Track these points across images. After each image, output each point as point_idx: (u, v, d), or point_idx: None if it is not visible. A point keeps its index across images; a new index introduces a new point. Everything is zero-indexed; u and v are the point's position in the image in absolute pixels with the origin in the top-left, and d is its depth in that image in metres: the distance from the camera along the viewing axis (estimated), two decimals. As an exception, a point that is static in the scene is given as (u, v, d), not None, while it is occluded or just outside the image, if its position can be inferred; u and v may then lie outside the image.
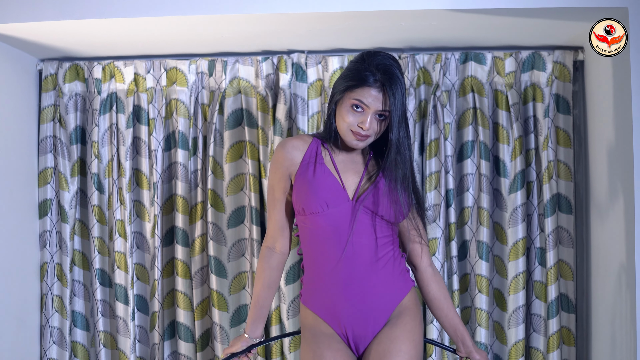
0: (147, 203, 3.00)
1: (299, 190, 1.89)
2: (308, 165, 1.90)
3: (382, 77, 1.80)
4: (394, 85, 1.80)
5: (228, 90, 2.93)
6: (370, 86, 1.80)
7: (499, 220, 2.96)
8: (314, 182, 1.88)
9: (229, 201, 2.95)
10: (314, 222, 1.89)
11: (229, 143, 2.94)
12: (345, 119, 1.83)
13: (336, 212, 1.88)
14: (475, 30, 2.68)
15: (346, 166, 1.94)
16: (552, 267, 2.87)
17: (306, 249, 1.96)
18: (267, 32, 2.66)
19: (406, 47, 2.91)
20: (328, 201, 1.87)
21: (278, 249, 2.01)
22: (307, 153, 1.92)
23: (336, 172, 1.92)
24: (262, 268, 2.02)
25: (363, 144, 1.87)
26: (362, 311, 1.91)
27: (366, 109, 1.81)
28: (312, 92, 2.93)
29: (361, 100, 1.81)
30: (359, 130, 1.82)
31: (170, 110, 3.00)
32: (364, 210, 1.89)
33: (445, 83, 2.91)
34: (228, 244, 2.96)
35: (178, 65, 2.94)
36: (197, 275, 2.97)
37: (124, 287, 2.99)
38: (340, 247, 1.89)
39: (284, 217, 1.99)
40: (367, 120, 1.81)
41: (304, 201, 1.88)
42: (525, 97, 2.93)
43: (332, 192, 1.88)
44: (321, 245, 1.91)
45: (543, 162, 2.88)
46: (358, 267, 1.89)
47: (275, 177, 1.95)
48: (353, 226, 1.87)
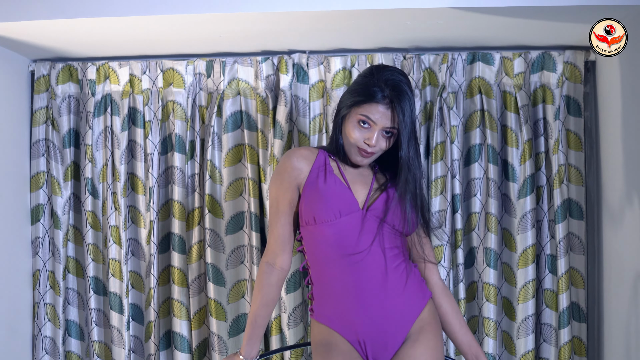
0: (143, 208, 2.94)
1: (309, 199, 1.86)
2: (318, 174, 1.88)
3: (391, 93, 1.78)
4: (403, 102, 1.78)
5: (227, 91, 2.88)
6: (378, 102, 1.78)
7: (507, 226, 2.89)
8: (326, 190, 1.86)
9: (227, 207, 2.89)
10: (323, 231, 1.85)
11: (228, 146, 2.89)
12: (352, 135, 1.82)
13: (347, 220, 1.84)
14: (482, 30, 2.62)
15: (354, 178, 1.93)
16: (563, 275, 2.81)
17: (314, 261, 1.91)
18: (267, 32, 2.61)
19: (411, 46, 2.85)
20: (340, 209, 1.84)
21: (278, 265, 1.95)
22: (315, 163, 1.90)
23: (345, 182, 1.90)
24: (260, 285, 1.95)
25: (367, 161, 1.87)
26: (380, 322, 1.85)
27: (373, 126, 1.80)
28: (313, 94, 2.86)
29: (368, 117, 1.79)
30: (364, 147, 1.82)
31: (167, 113, 2.94)
32: (374, 219, 1.86)
33: (451, 84, 2.85)
34: (226, 251, 2.90)
35: (175, 66, 2.89)
36: (194, 284, 2.91)
37: (119, 296, 2.92)
38: (352, 257, 1.84)
39: (286, 231, 1.93)
40: (374, 137, 1.81)
41: (315, 209, 1.85)
42: (535, 99, 2.87)
43: (344, 200, 1.86)
44: (333, 255, 1.86)
45: (553, 166, 2.81)
46: (371, 276, 1.85)
47: (281, 188, 1.90)
48: (364, 235, 1.84)
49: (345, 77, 2.84)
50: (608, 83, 2.73)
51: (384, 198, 1.89)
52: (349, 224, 1.85)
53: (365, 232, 1.85)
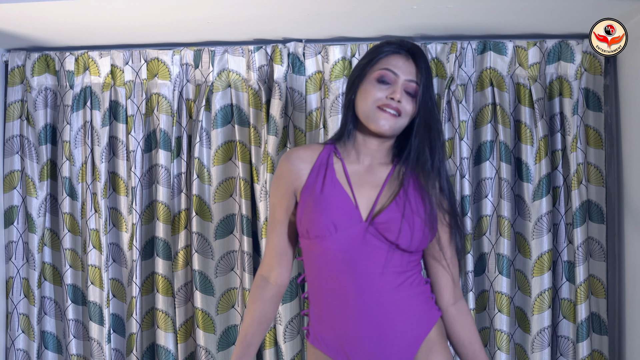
0: (125, 211, 2.84)
1: (303, 209, 1.68)
2: (316, 179, 1.70)
3: (408, 46, 1.69)
4: (421, 56, 1.68)
5: (216, 83, 2.78)
6: (398, 53, 1.67)
7: (521, 230, 2.77)
8: (322, 199, 1.66)
9: (216, 209, 2.79)
10: (320, 247, 1.67)
11: (217, 143, 2.79)
12: (371, 95, 1.65)
13: (346, 235, 1.65)
14: (494, 16, 2.51)
15: (361, 179, 1.72)
16: (582, 284, 2.68)
17: (311, 277, 1.74)
18: (260, 18, 2.53)
19: (417, 35, 2.74)
20: (337, 222, 1.64)
21: (273, 280, 1.80)
22: (315, 164, 1.72)
23: (349, 186, 1.70)
24: (253, 299, 1.80)
25: (391, 126, 1.65)
26: (382, 350, 1.66)
27: (395, 79, 1.66)
28: (310, 86, 2.76)
29: (389, 68, 1.66)
30: (389, 102, 1.63)
31: (151, 107, 2.84)
32: (377, 235, 1.65)
33: (460, 76, 2.73)
34: (215, 257, 2.79)
35: (160, 55, 2.80)
36: (180, 292, 2.80)
37: (99, 306, 2.82)
38: (351, 276, 1.65)
39: (283, 243, 1.79)
40: (399, 91, 1.64)
41: (308, 222, 1.66)
42: (551, 92, 2.75)
43: (342, 212, 1.65)
44: (329, 274, 1.67)
45: (571, 165, 2.69)
46: (373, 299, 1.65)
47: (278, 194, 1.76)
48: (364, 253, 1.64)
49: (344, 67, 2.74)
50: (630, 74, 2.63)
51: (394, 207, 1.67)
52: (347, 241, 1.65)
53: (365, 249, 1.65)
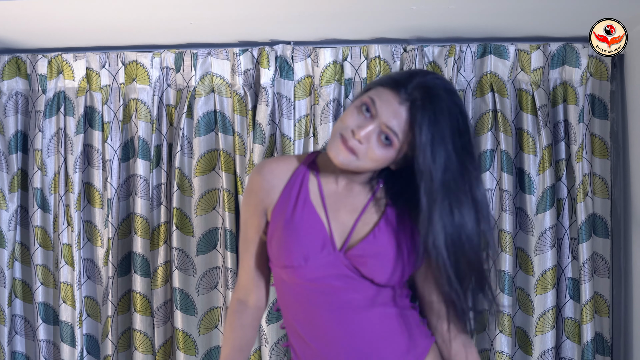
0: (100, 224, 2.77)
1: (272, 234, 1.54)
2: (288, 199, 1.53)
3: (416, 94, 1.37)
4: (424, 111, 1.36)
5: (198, 88, 2.73)
6: (395, 94, 1.38)
7: (523, 245, 2.70)
8: (292, 225, 1.50)
9: (198, 222, 2.73)
10: (290, 277, 1.53)
11: (199, 152, 2.73)
12: (344, 119, 1.42)
13: (317, 265, 1.49)
14: (495, 17, 2.47)
15: (338, 201, 1.54)
16: (588, 303, 2.59)
17: (284, 308, 1.61)
18: (246, 19, 2.48)
19: (413, 37, 2.67)
20: (307, 252, 1.49)
21: (252, 303, 1.67)
22: (290, 181, 1.55)
23: (323, 209, 1.53)
24: (231, 326, 1.67)
25: (344, 160, 1.41)
26: None
27: (374, 115, 1.39)
28: (299, 91, 2.70)
29: (373, 100, 1.39)
30: (348, 135, 1.40)
31: (129, 113, 2.78)
32: (352, 268, 1.50)
33: (459, 81, 2.67)
34: (197, 274, 2.72)
35: (138, 58, 2.75)
36: (160, 312, 2.73)
37: (71, 325, 2.73)
38: (327, 310, 1.51)
39: (258, 263, 1.64)
40: (367, 128, 1.39)
41: (277, 250, 1.52)
42: (555, 98, 2.68)
43: (314, 240, 1.50)
44: (300, 307, 1.55)
45: (577, 175, 2.62)
46: (351, 333, 1.52)
47: (248, 210, 1.61)
48: (339, 285, 1.50)
49: (336, 71, 2.67)
50: (638, 80, 2.58)
51: (370, 240, 1.50)
52: (320, 270, 1.50)
53: (339, 282, 1.50)
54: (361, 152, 1.40)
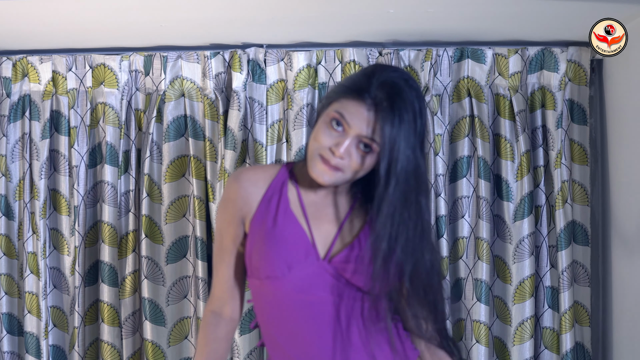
0: (66, 232, 2.72)
1: (252, 245, 1.51)
2: (268, 208, 1.52)
3: (380, 94, 1.38)
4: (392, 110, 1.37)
5: (168, 92, 2.70)
6: (360, 101, 1.39)
7: (501, 253, 2.69)
8: (274, 233, 1.49)
9: (168, 230, 2.71)
10: (272, 289, 1.50)
11: (169, 158, 2.71)
12: (318, 139, 1.42)
13: (301, 276, 1.48)
14: (473, 21, 2.46)
15: (319, 210, 1.53)
16: (567, 312, 2.59)
17: (265, 324, 1.57)
18: (218, 21, 2.47)
19: (389, 40, 2.68)
20: (290, 261, 1.47)
21: (227, 315, 1.63)
22: (268, 190, 1.53)
23: (305, 219, 1.51)
24: (205, 340, 1.62)
25: (330, 179, 1.43)
26: None
27: (347, 129, 1.39)
28: (272, 96, 2.69)
29: (343, 115, 1.39)
30: (329, 156, 1.41)
31: (97, 117, 2.75)
32: (338, 276, 1.49)
33: (436, 85, 2.67)
34: (167, 284, 2.69)
35: (106, 61, 2.72)
36: (128, 322, 2.69)
37: (36, 337, 2.68)
38: (310, 323, 1.49)
39: (234, 274, 1.61)
40: (344, 145, 1.40)
41: (258, 260, 1.50)
42: (533, 104, 2.69)
43: (297, 249, 1.48)
44: (284, 321, 1.51)
45: (555, 182, 2.62)
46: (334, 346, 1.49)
47: (225, 219, 1.59)
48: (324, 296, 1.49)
49: (309, 75, 2.66)
50: (617, 85, 2.60)
51: (356, 245, 1.50)
52: (303, 281, 1.48)
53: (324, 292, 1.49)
54: (345, 166, 1.41)
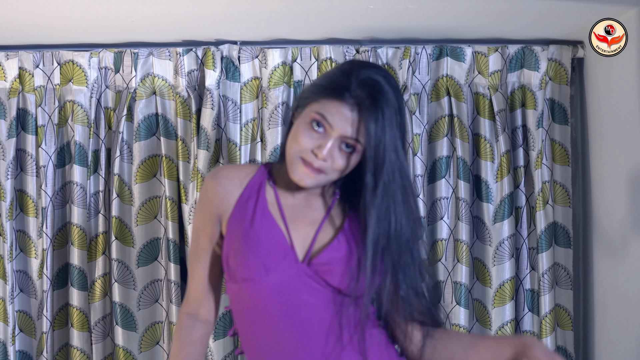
0: (34, 234, 2.68)
1: (229, 246, 1.49)
2: (245, 208, 1.50)
3: (362, 93, 1.38)
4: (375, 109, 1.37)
5: (139, 90, 2.68)
6: (342, 101, 1.38)
7: (480, 256, 2.67)
8: (251, 234, 1.47)
9: (139, 232, 2.68)
10: (249, 293, 1.47)
11: (140, 158, 2.68)
12: (298, 141, 1.40)
13: (279, 279, 1.45)
14: (452, 18, 2.45)
15: (297, 212, 1.51)
16: (547, 315, 2.58)
17: (243, 330, 1.53)
18: (190, 17, 2.45)
19: (366, 37, 2.65)
20: (268, 263, 1.44)
21: (203, 317, 1.61)
22: (246, 190, 1.52)
23: (282, 220, 1.49)
24: (180, 343, 1.60)
25: (313, 182, 1.43)
26: None
27: (329, 131, 1.39)
28: (246, 94, 2.67)
29: (324, 116, 1.39)
30: (311, 158, 1.40)
31: (65, 116, 2.71)
32: (318, 279, 1.46)
33: (414, 84, 2.65)
34: (138, 287, 2.66)
35: (75, 58, 2.68)
36: (98, 327, 2.65)
37: (2, 342, 2.63)
38: (291, 329, 1.46)
39: (210, 275, 1.60)
40: (326, 147, 1.39)
41: (235, 262, 1.47)
42: (513, 103, 2.69)
43: (275, 251, 1.46)
44: (264, 326, 1.48)
45: (536, 183, 2.61)
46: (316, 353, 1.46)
47: (201, 217, 1.57)
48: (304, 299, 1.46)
49: (285, 73, 2.64)
50: (598, 84, 2.59)
51: (335, 246, 1.48)
52: (282, 284, 1.45)
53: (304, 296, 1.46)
54: (328, 168, 1.41)
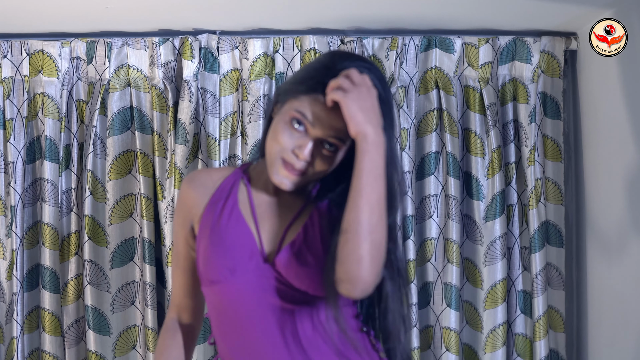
0: (2, 233, 2.61)
1: (198, 249, 1.48)
2: (213, 208, 1.48)
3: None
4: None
5: (113, 82, 2.62)
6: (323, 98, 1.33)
7: (471, 255, 2.63)
8: (216, 234, 1.44)
9: (113, 231, 2.63)
10: (217, 295, 1.45)
11: (114, 153, 2.63)
12: (278, 140, 1.35)
13: (246, 280, 1.40)
14: (441, 8, 2.41)
15: (270, 211, 1.47)
16: (541, 317, 2.53)
17: (216, 335, 1.50)
18: (167, 4, 2.40)
19: (351, 27, 2.61)
20: (233, 264, 1.41)
21: (186, 321, 1.62)
22: (217, 191, 1.51)
23: (253, 219, 1.46)
24: (164, 346, 1.60)
25: (291, 184, 1.38)
26: None
27: (309, 129, 1.35)
28: (225, 86, 2.62)
29: (304, 114, 1.33)
30: (292, 159, 1.35)
31: (35, 109, 2.64)
32: (282, 278, 1.40)
33: (402, 76, 2.60)
34: (112, 289, 2.61)
35: (45, 47, 2.62)
36: (71, 331, 2.59)
37: None
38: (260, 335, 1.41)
39: (191, 280, 1.60)
40: (307, 147, 1.34)
41: (203, 264, 1.45)
42: (504, 96, 2.64)
43: (241, 251, 1.42)
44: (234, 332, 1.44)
45: (529, 180, 2.56)
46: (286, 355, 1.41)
47: (178, 222, 1.59)
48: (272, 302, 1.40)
49: (266, 64, 2.58)
50: (591, 77, 2.55)
51: (295, 244, 1.42)
52: (249, 285, 1.40)
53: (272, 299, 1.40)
54: (309, 170, 1.38)
